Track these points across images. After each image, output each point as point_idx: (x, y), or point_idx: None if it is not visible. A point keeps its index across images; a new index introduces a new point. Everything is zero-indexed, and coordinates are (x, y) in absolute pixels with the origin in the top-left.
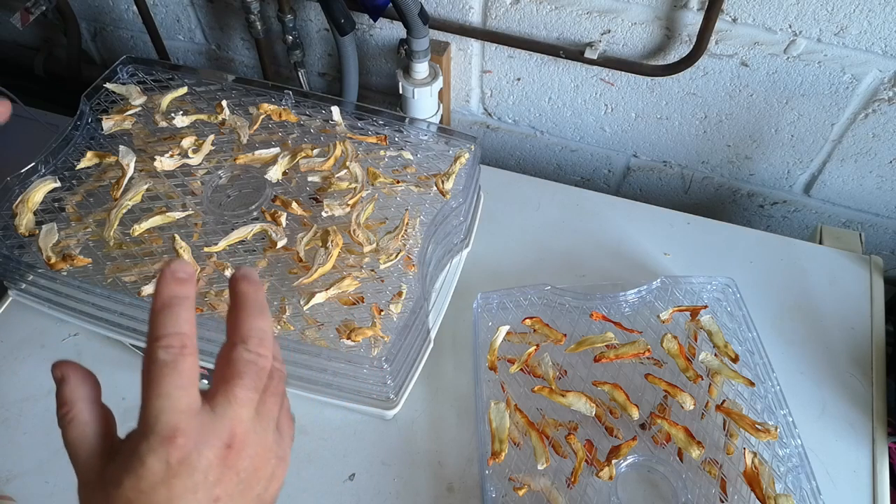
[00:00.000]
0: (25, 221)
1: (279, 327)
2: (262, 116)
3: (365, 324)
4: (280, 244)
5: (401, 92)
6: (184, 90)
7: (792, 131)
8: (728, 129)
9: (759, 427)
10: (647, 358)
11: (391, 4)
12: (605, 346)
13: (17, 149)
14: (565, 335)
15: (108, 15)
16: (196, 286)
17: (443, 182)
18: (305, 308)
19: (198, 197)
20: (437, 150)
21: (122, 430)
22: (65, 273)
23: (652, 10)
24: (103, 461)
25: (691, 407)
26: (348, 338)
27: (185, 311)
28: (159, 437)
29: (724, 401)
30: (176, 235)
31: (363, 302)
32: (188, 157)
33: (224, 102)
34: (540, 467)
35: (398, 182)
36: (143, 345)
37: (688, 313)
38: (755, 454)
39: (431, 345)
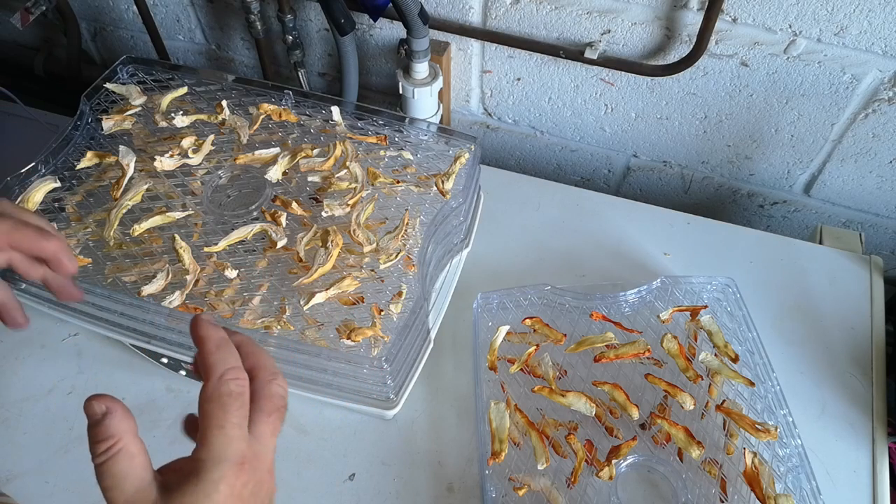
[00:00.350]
0: None
1: (279, 327)
2: (262, 116)
3: (365, 324)
4: (280, 244)
5: (401, 92)
6: (184, 90)
7: (792, 131)
8: (728, 129)
9: (759, 427)
10: (647, 358)
11: (391, 4)
12: (605, 346)
13: (17, 149)
14: (565, 335)
15: (108, 15)
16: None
17: (443, 182)
18: (305, 308)
19: (198, 197)
20: (437, 150)
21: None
22: None
23: (652, 10)
24: (156, 492)
25: (691, 407)
26: (348, 338)
27: (234, 350)
28: (232, 464)
29: (724, 401)
30: (176, 235)
31: (363, 302)
32: (188, 157)
33: (224, 102)
34: (540, 467)
35: (398, 182)
36: (143, 345)
37: (688, 313)
38: (755, 454)
39: (431, 345)
